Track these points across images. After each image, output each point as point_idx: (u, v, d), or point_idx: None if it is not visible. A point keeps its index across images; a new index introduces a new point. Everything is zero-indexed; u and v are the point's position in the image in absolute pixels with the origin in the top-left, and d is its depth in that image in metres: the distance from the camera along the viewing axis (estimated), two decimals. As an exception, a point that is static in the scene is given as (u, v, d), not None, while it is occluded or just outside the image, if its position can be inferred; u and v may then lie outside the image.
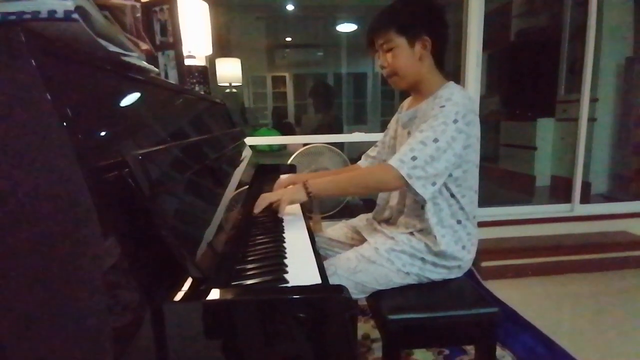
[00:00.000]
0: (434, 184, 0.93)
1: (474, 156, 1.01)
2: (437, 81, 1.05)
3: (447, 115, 0.93)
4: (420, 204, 1.03)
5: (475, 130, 0.98)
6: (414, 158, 0.91)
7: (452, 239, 1.02)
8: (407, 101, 1.19)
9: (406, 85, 1.08)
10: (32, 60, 0.40)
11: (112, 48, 0.55)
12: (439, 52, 1.03)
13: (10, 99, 0.40)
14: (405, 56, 1.01)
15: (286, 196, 0.95)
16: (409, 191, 0.95)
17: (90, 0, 0.51)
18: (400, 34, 1.00)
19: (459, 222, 1.03)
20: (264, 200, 0.95)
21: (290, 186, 1.03)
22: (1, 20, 0.45)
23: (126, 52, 0.60)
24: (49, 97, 0.40)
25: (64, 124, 0.41)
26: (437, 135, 0.91)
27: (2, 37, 0.39)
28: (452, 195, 1.01)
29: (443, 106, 0.94)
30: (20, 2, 0.45)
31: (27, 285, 0.42)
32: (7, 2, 0.45)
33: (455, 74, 2.30)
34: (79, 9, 0.46)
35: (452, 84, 1.03)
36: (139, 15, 0.74)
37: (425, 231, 1.03)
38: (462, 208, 1.02)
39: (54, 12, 0.44)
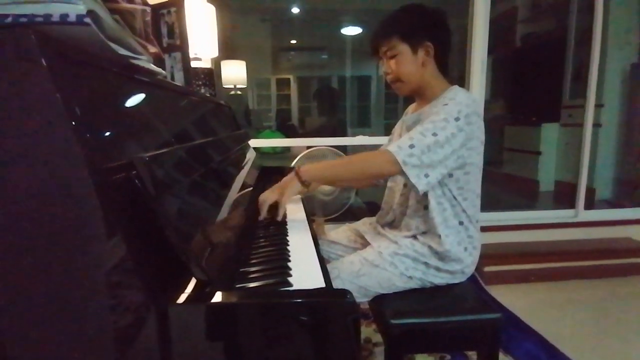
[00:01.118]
0: (426, 175, 0.91)
1: (477, 158, 1.00)
2: (440, 86, 1.05)
3: (449, 113, 0.93)
4: (422, 205, 1.03)
5: (478, 132, 0.98)
6: (411, 146, 0.91)
7: (456, 239, 1.02)
8: (412, 106, 1.20)
9: (410, 91, 1.08)
10: (43, 62, 0.40)
11: (122, 51, 0.56)
12: (442, 58, 1.04)
13: (21, 100, 0.41)
14: (408, 62, 1.02)
15: (284, 196, 0.95)
16: (406, 180, 0.94)
17: (101, 4, 0.52)
18: (403, 41, 1.01)
19: (460, 223, 1.03)
20: (264, 203, 0.95)
21: (284, 179, 1.00)
22: (13, 23, 0.45)
23: (135, 56, 0.60)
24: (59, 98, 0.41)
25: (74, 125, 0.41)
26: (437, 130, 0.92)
27: (14, 39, 0.40)
28: (454, 197, 1.01)
29: (446, 104, 0.95)
30: (31, 4, 0.46)
31: (33, 285, 0.42)
32: (18, 5, 0.46)
33: (460, 79, 2.31)
34: (90, 12, 0.46)
35: (456, 87, 1.04)
36: (148, 18, 0.74)
37: (430, 232, 1.03)
38: (463, 210, 1.02)
39: (66, 15, 0.45)
